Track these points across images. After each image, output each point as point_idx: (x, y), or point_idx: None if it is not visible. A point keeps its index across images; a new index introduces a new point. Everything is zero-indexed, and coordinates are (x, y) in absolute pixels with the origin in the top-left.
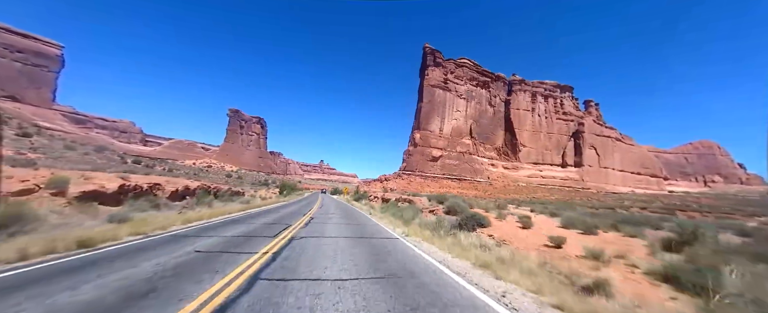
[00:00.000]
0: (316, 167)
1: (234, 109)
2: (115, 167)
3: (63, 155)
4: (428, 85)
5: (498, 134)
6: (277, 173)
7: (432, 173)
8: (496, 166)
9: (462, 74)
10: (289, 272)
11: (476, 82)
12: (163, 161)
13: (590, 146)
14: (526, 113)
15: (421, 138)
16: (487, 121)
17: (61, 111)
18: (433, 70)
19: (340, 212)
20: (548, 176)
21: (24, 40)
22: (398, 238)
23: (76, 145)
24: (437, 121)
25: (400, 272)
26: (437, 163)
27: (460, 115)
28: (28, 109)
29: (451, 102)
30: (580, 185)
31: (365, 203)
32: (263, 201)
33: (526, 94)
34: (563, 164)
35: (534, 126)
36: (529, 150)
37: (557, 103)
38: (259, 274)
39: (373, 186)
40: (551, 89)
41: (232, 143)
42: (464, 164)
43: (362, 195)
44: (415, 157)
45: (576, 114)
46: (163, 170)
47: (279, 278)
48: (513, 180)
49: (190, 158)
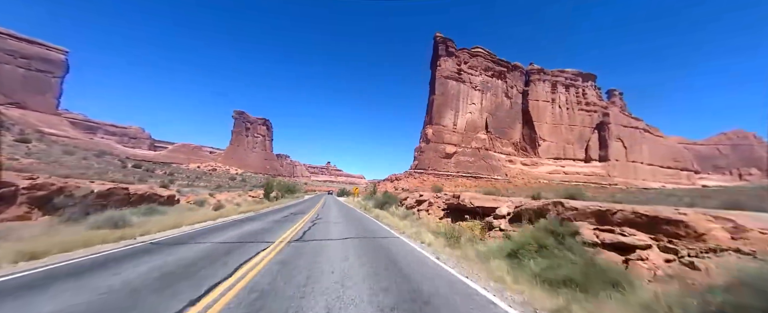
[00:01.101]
0: (323, 168)
1: (239, 111)
2: (113, 171)
3: (58, 160)
4: (440, 77)
5: (515, 128)
6: (283, 175)
7: (446, 170)
8: (514, 162)
9: (476, 64)
10: None
11: (492, 72)
12: (167, 164)
13: (617, 139)
14: (545, 105)
15: (433, 133)
16: (503, 114)
17: (69, 118)
18: (445, 61)
19: (358, 258)
20: (571, 171)
21: (28, 46)
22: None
23: (76, 150)
24: (451, 115)
25: None
26: (451, 160)
27: (474, 108)
28: (33, 116)
29: (465, 94)
30: (607, 181)
31: (405, 215)
32: (217, 213)
33: (545, 84)
34: (587, 158)
35: (554, 118)
36: (549, 144)
37: (579, 93)
38: None
39: (382, 187)
40: (572, 78)
41: (238, 146)
42: (480, 160)
43: (388, 198)
44: (427, 154)
45: (600, 104)
46: (164, 174)
47: None
48: (533, 177)
49: (195, 162)
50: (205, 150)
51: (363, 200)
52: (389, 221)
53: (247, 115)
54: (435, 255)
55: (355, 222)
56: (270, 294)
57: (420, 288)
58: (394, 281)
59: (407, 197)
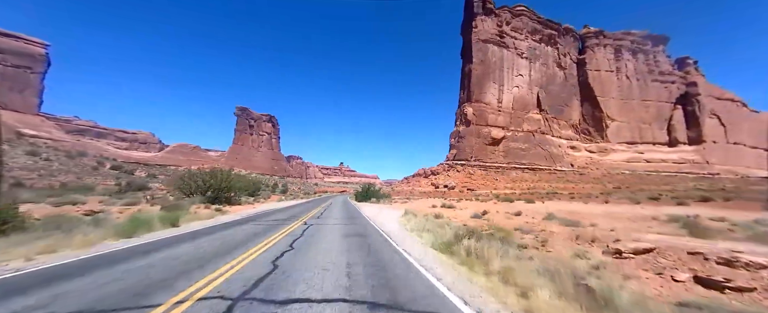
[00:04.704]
0: (336, 169)
1: (242, 107)
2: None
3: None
4: (478, 41)
5: (573, 106)
6: (293, 176)
7: (493, 161)
8: (578, 148)
9: (520, 26)
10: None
11: (539, 36)
12: (163, 167)
13: (711, 114)
14: (609, 76)
15: (474, 113)
16: (557, 88)
17: (80, 124)
18: (482, 21)
19: None
20: (654, 159)
21: (2, 39)
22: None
23: (45, 151)
24: (494, 90)
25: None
26: (499, 147)
27: (522, 81)
28: (9, 116)
29: (510, 63)
30: (706, 170)
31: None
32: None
33: (606, 51)
34: (671, 141)
35: (622, 92)
36: (619, 125)
37: (650, 60)
38: None
39: (414, 185)
40: (640, 42)
41: (241, 145)
42: (536, 147)
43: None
44: (468, 140)
45: (677, 73)
46: (147, 175)
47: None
48: (607, 167)
49: (196, 163)
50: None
51: (423, 220)
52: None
53: (251, 111)
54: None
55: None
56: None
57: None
58: None
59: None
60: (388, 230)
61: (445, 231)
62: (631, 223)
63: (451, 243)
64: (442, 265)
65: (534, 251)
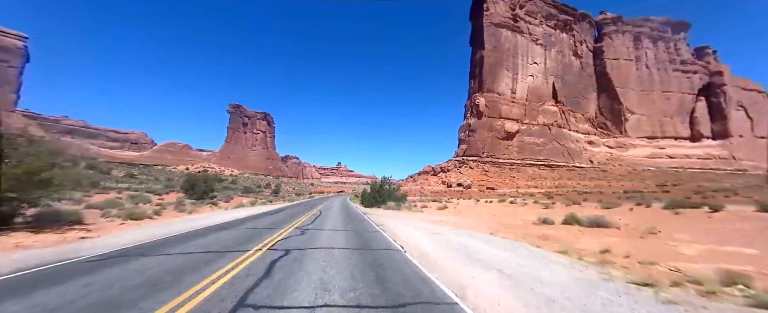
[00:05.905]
0: (333, 169)
1: (235, 104)
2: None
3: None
4: (490, 24)
5: (590, 97)
6: (288, 176)
7: (507, 156)
8: (596, 144)
9: (534, 9)
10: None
11: (554, 22)
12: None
13: (737, 107)
14: (628, 65)
15: (486, 104)
16: (573, 78)
17: (68, 124)
18: (494, 3)
19: None
20: (677, 154)
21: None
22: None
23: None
24: (507, 79)
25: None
26: (513, 142)
27: (537, 69)
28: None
29: (525, 49)
30: (734, 166)
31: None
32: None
33: (624, 38)
34: (694, 135)
35: (642, 83)
36: (639, 118)
37: (671, 48)
38: None
39: (422, 183)
40: (660, 29)
41: (234, 144)
42: (552, 142)
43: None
44: (480, 133)
45: (700, 63)
46: (125, 175)
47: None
48: (629, 164)
49: (185, 162)
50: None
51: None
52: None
53: (244, 108)
54: None
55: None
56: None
57: None
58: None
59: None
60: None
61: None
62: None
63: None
64: None
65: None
